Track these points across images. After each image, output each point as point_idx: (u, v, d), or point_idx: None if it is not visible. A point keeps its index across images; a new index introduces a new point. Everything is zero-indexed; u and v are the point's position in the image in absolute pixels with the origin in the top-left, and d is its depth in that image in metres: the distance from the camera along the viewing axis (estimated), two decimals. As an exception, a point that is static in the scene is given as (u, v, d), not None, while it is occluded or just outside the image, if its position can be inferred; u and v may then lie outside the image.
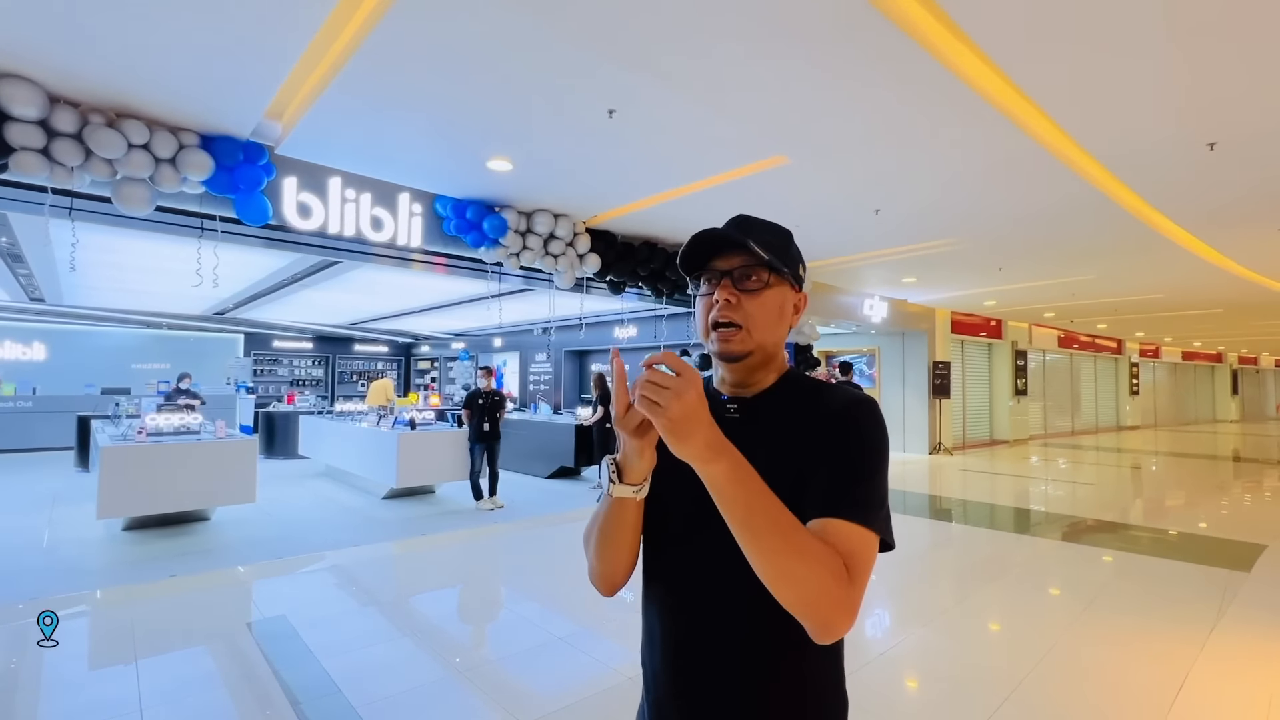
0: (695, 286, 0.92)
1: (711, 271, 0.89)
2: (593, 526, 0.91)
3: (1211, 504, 7.37)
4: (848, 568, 0.72)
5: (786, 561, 0.70)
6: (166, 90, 3.38)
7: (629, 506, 0.85)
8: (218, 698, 2.67)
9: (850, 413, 0.84)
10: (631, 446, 0.81)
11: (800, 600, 0.71)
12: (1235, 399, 24.29)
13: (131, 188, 3.71)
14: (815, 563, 0.70)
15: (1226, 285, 9.10)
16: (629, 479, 0.83)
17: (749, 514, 0.70)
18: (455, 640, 3.39)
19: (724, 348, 0.87)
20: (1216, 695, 2.73)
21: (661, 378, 0.69)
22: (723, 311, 0.86)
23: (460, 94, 3.43)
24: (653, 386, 0.69)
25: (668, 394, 0.68)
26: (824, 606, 0.71)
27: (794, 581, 0.70)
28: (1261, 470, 10.39)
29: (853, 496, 0.77)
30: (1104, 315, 13.30)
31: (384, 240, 4.93)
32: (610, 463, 0.84)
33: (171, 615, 3.61)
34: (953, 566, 4.87)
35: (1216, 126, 3.70)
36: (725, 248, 0.87)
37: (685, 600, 0.88)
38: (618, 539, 0.88)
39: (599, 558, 0.90)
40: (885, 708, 2.67)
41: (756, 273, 0.86)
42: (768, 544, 0.70)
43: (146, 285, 8.07)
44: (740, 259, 0.86)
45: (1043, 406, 15.67)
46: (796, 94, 3.38)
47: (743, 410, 0.90)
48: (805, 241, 6.66)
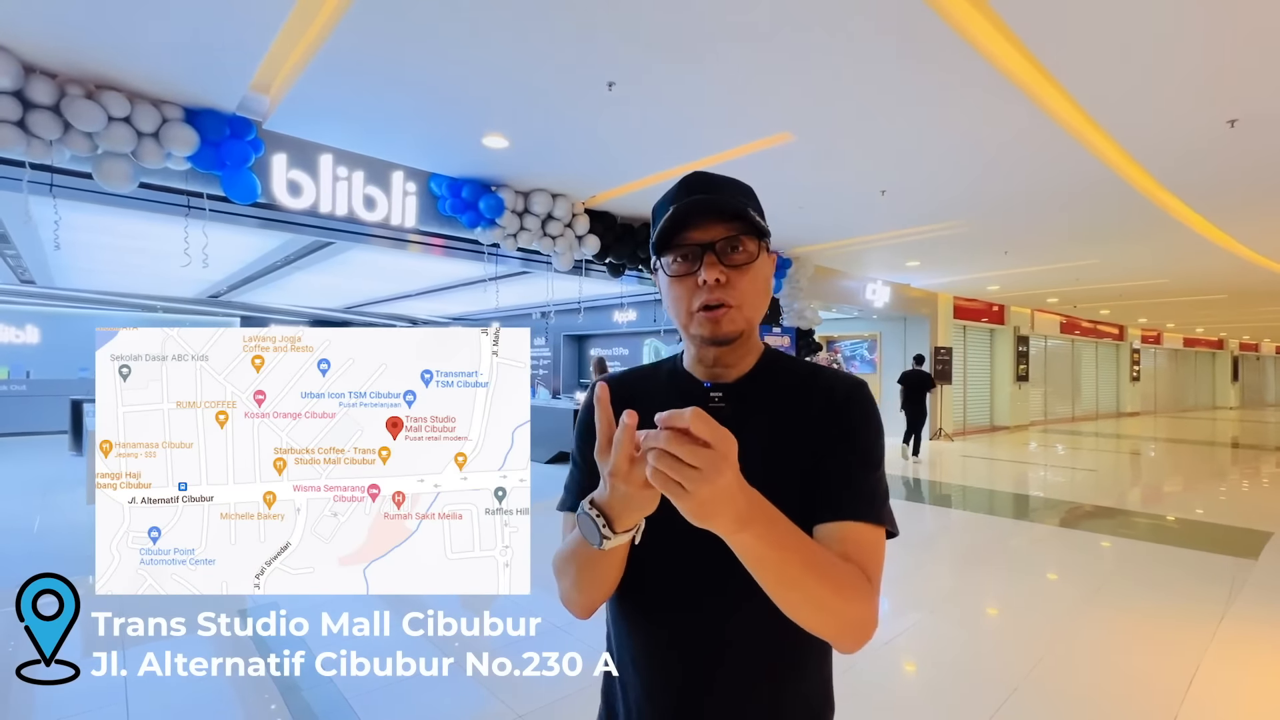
0: (662, 262, 0.79)
1: (686, 246, 0.75)
2: (567, 564, 0.77)
3: (1216, 491, 7.33)
4: (868, 574, 0.69)
5: (821, 596, 0.65)
6: (147, 60, 3.23)
7: (617, 551, 0.72)
8: (206, 684, 2.61)
9: (850, 401, 0.78)
10: (633, 498, 0.63)
11: (834, 627, 0.68)
12: (1235, 385, 24.28)
13: (113, 163, 3.57)
14: (848, 590, 0.66)
15: (1232, 270, 8.98)
16: (622, 527, 0.66)
17: (783, 566, 0.63)
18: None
19: (715, 330, 0.76)
20: (1230, 686, 2.67)
21: (690, 452, 0.53)
22: (715, 293, 0.74)
23: (453, 65, 3.29)
24: (676, 464, 0.54)
25: (696, 476, 0.53)
26: (857, 628, 0.68)
27: (829, 614, 0.66)
28: (1264, 457, 10.36)
29: (863, 493, 0.73)
30: (1108, 301, 13.20)
31: (377, 220, 4.80)
32: (595, 514, 0.66)
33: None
34: (956, 553, 4.81)
35: (1238, 102, 3.57)
36: (704, 216, 0.75)
37: (668, 615, 0.79)
38: (603, 577, 0.77)
39: (580, 592, 0.78)
40: (890, 698, 2.61)
41: (744, 242, 0.76)
42: (801, 589, 0.65)
43: (137, 266, 7.94)
44: (723, 229, 0.74)
45: (1043, 392, 15.64)
46: (803, 66, 3.24)
47: (729, 399, 0.80)
48: (808, 224, 6.54)
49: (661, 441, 0.54)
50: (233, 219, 4.45)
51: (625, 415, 0.59)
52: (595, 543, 0.66)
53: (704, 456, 0.53)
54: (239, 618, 3.62)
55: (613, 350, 12.90)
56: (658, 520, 0.72)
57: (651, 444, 0.55)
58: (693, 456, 0.53)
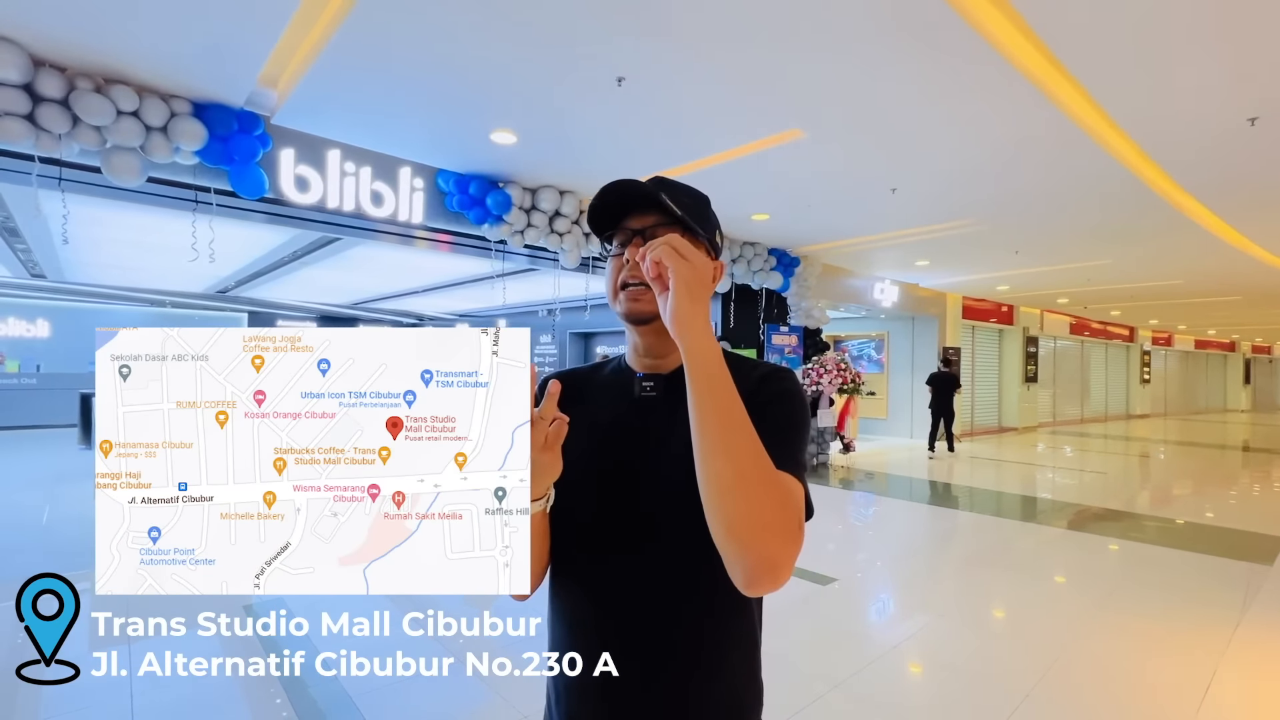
0: (606, 246, 0.88)
1: (624, 231, 0.84)
2: None
3: (1229, 495, 7.24)
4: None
5: (752, 467, 0.65)
6: (155, 54, 3.23)
7: (535, 520, 0.78)
8: (210, 681, 2.61)
9: (770, 379, 0.82)
10: (534, 462, 0.73)
11: (754, 519, 0.64)
12: (1247, 388, 24.02)
13: (121, 157, 3.57)
14: (778, 483, 0.67)
15: (1247, 271, 8.86)
16: (532, 495, 0.74)
17: (732, 404, 0.67)
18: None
19: (631, 307, 0.82)
20: (1246, 694, 2.62)
21: (673, 248, 0.70)
22: (633, 271, 0.81)
23: (462, 60, 3.27)
24: (678, 240, 0.71)
25: (690, 249, 0.70)
26: (775, 536, 0.64)
27: (753, 494, 0.64)
28: (1277, 461, 10.22)
29: (781, 449, 0.73)
30: (1119, 302, 13.06)
31: (385, 216, 4.79)
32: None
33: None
34: (966, 556, 4.77)
35: (1260, 99, 3.50)
36: (639, 205, 0.82)
37: (598, 604, 0.83)
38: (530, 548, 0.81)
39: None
40: (901, 701, 2.58)
41: (669, 233, 0.80)
42: (739, 443, 0.65)
43: (145, 261, 7.97)
44: (654, 218, 0.82)
45: (1052, 394, 15.51)
46: (815, 62, 3.20)
47: (659, 387, 0.86)
48: (817, 222, 6.49)
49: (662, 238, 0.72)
50: (240, 214, 4.45)
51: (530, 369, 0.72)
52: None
53: (681, 241, 0.71)
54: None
55: (618, 348, 12.85)
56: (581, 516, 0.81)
57: (653, 243, 0.72)
58: (678, 242, 0.71)
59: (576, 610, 0.85)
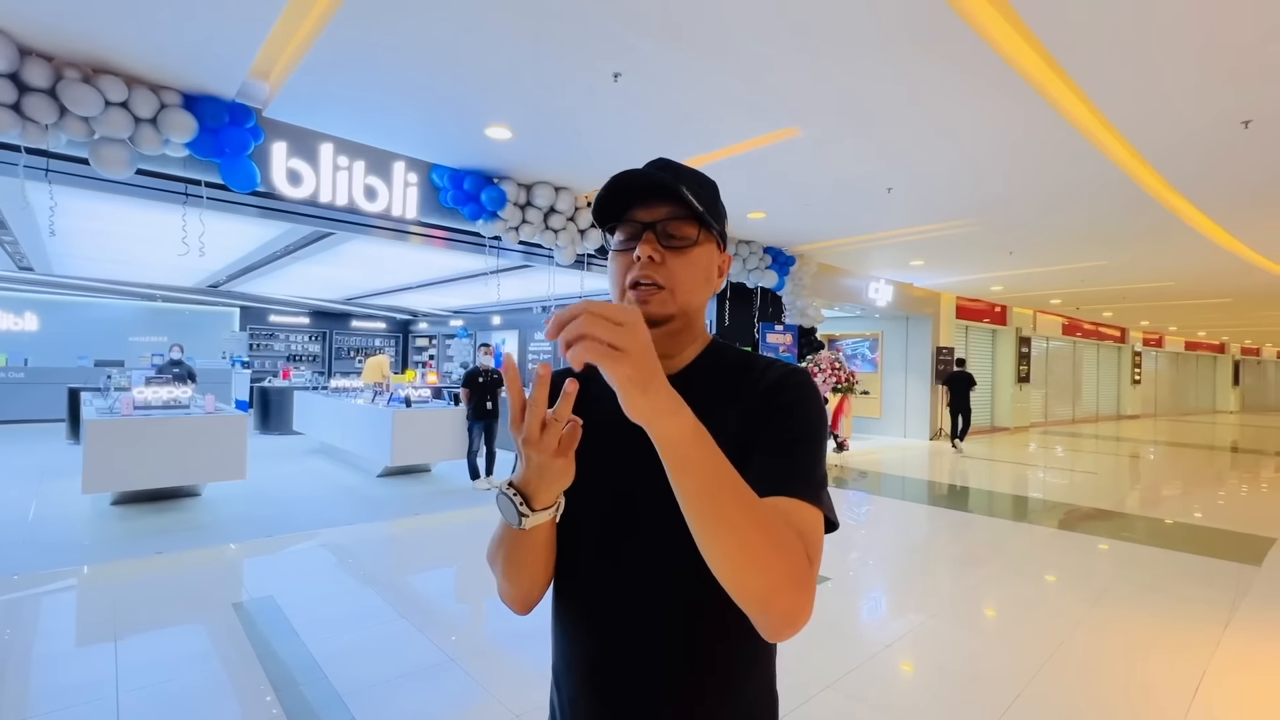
0: (610, 238, 0.80)
1: (631, 223, 0.76)
2: (496, 550, 0.77)
3: (1218, 496, 7.29)
4: (806, 551, 0.63)
5: (752, 536, 0.57)
6: (144, 44, 3.18)
7: (541, 528, 0.73)
8: (198, 680, 2.57)
9: (786, 383, 0.75)
10: (547, 468, 0.65)
11: (765, 586, 0.59)
12: (1236, 390, 24.23)
13: (110, 148, 3.52)
14: (782, 539, 0.60)
15: (1239, 273, 8.93)
16: (540, 504, 0.68)
17: (715, 478, 0.57)
18: (449, 623, 3.30)
19: (641, 310, 0.72)
20: (1236, 694, 2.63)
21: (608, 309, 0.52)
22: (645, 270, 0.73)
23: (457, 54, 3.23)
24: (604, 323, 0.52)
25: (623, 332, 0.52)
26: (789, 593, 0.59)
27: (759, 563, 0.58)
28: (1266, 462, 10.32)
29: (801, 470, 0.69)
30: (1111, 303, 13.13)
31: (378, 211, 4.74)
32: (513, 493, 0.67)
33: (156, 593, 3.51)
34: (959, 556, 4.78)
35: (1255, 102, 3.51)
36: (649, 195, 0.75)
37: (606, 619, 0.77)
38: (531, 562, 0.76)
39: (511, 582, 0.78)
40: (895, 701, 2.57)
41: (685, 226, 0.75)
42: (731, 517, 0.57)
43: (135, 254, 7.88)
44: (666, 209, 0.74)
45: (1044, 394, 15.59)
46: (813, 59, 3.18)
47: None
48: (812, 221, 6.48)
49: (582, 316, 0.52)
50: (231, 207, 4.40)
51: (540, 367, 0.60)
52: (515, 522, 0.67)
53: (621, 311, 0.53)
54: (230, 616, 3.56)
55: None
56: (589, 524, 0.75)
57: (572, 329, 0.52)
58: (612, 312, 0.52)
59: (581, 624, 0.79)
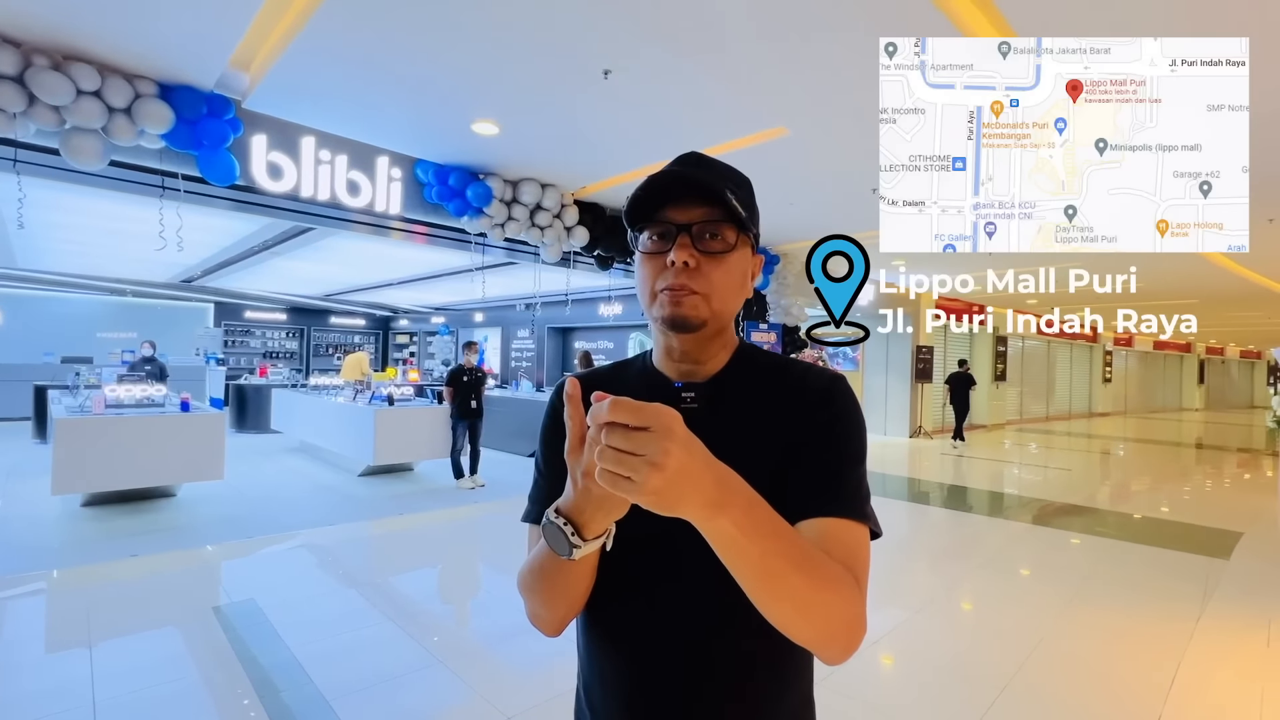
0: (636, 238, 0.75)
1: (664, 223, 0.71)
2: (535, 579, 0.71)
3: (1187, 491, 7.51)
4: (855, 576, 0.63)
5: (806, 595, 0.57)
6: (119, 31, 3.08)
7: (588, 557, 0.67)
8: (179, 686, 2.51)
9: (831, 393, 0.73)
10: (606, 499, 0.59)
11: (823, 633, 0.60)
12: (1201, 388, 24.96)
13: (82, 139, 3.41)
14: (835, 590, 0.59)
15: (1207, 276, 9.19)
16: (591, 534, 0.62)
17: (764, 559, 0.55)
18: (433, 624, 3.26)
19: (675, 312, 0.71)
20: (1208, 688, 2.71)
21: (624, 440, 0.48)
22: (680, 277, 0.70)
23: (444, 48, 3.18)
24: (616, 456, 0.48)
25: (640, 463, 0.48)
26: (846, 632, 0.61)
27: (815, 616, 0.59)
28: (1231, 458, 10.65)
29: (845, 489, 0.68)
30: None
31: (361, 206, 4.67)
32: (563, 522, 0.61)
33: (132, 597, 3.42)
34: (939, 552, 4.85)
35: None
36: (685, 194, 0.71)
37: (653, 644, 0.73)
38: (573, 591, 0.72)
39: (548, 608, 0.73)
40: (884, 699, 2.60)
41: (723, 230, 0.71)
42: (784, 586, 0.56)
43: (105, 248, 7.66)
44: (703, 210, 0.70)
45: (1019, 392, 15.91)
46: (803, 59, 3.19)
47: (700, 398, 0.74)
48: (798, 220, 6.53)
49: (600, 441, 0.49)
50: (209, 201, 4.29)
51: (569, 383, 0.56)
52: (565, 553, 0.62)
53: (642, 441, 0.48)
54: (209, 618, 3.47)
55: (597, 344, 12.82)
56: (628, 531, 0.67)
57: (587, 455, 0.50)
58: (630, 444, 0.48)
59: (615, 649, 0.76)
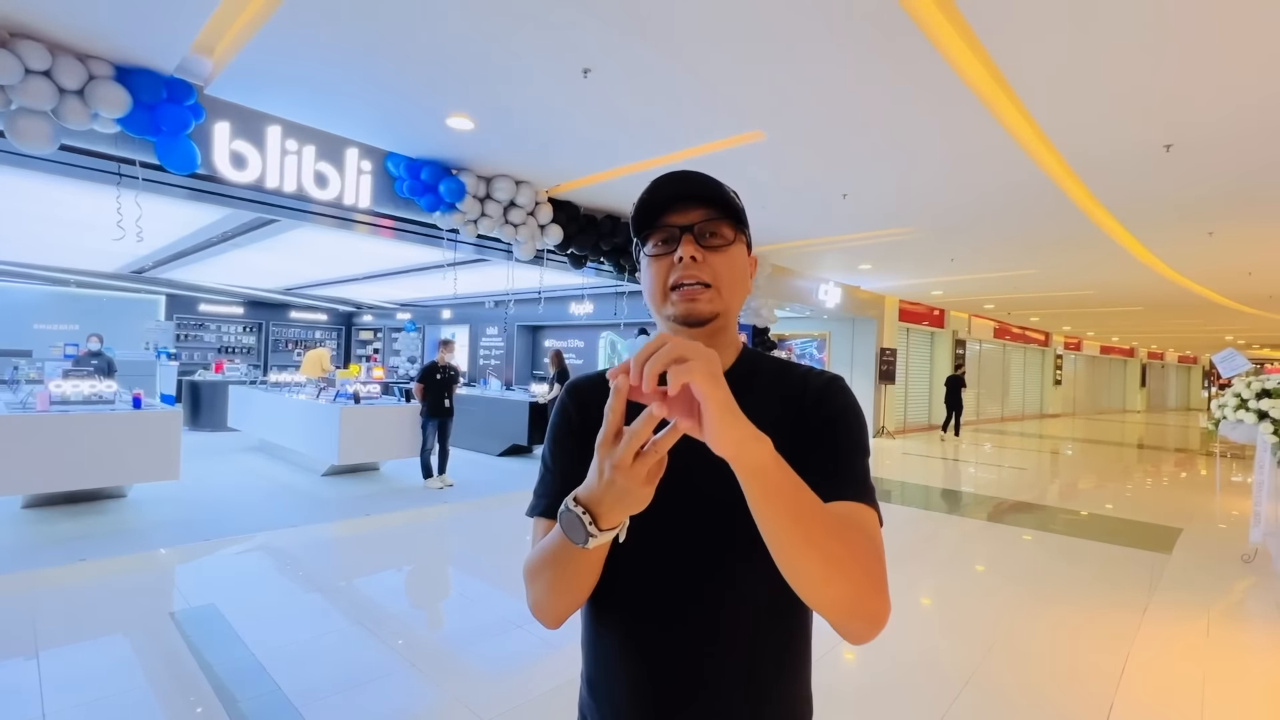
0: (640, 247, 0.80)
1: (666, 228, 0.77)
2: (543, 566, 0.74)
3: (1131, 489, 7.89)
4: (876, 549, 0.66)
5: (834, 549, 0.59)
6: (71, 8, 2.93)
7: (601, 547, 0.69)
8: (135, 695, 2.41)
9: (831, 391, 0.78)
10: (630, 493, 0.60)
11: (851, 594, 0.61)
12: (1143, 391, 26.26)
13: (29, 121, 3.23)
14: (860, 547, 0.62)
15: (1151, 284, 9.68)
16: (608, 524, 0.63)
17: (797, 501, 0.58)
18: (401, 627, 3.20)
19: (690, 307, 0.75)
20: (1156, 674, 2.86)
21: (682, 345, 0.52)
22: (689, 270, 0.75)
23: (420, 39, 3.12)
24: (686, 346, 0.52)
25: (698, 366, 0.52)
26: (872, 597, 0.62)
27: (843, 573, 0.60)
28: (1170, 457, 11.25)
29: (857, 476, 0.72)
30: (1038, 309, 14.00)
31: (329, 199, 4.54)
32: (581, 511, 0.63)
33: (82, 604, 3.26)
34: (898, 549, 4.99)
35: (1174, 127, 3.81)
36: (683, 201, 0.77)
37: (660, 635, 0.76)
38: (581, 580, 0.74)
39: (554, 597, 0.75)
40: (850, 693, 2.67)
41: (721, 227, 0.77)
42: (814, 534, 0.58)
43: (45, 235, 7.25)
44: (701, 212, 0.76)
45: (976, 393, 16.46)
46: (783, 65, 3.24)
47: None
48: (771, 223, 6.62)
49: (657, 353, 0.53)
50: (168, 190, 4.11)
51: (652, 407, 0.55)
52: (580, 541, 0.64)
53: (691, 347, 0.53)
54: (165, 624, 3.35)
55: (568, 342, 12.75)
56: (637, 525, 0.69)
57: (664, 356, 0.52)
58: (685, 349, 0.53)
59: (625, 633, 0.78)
